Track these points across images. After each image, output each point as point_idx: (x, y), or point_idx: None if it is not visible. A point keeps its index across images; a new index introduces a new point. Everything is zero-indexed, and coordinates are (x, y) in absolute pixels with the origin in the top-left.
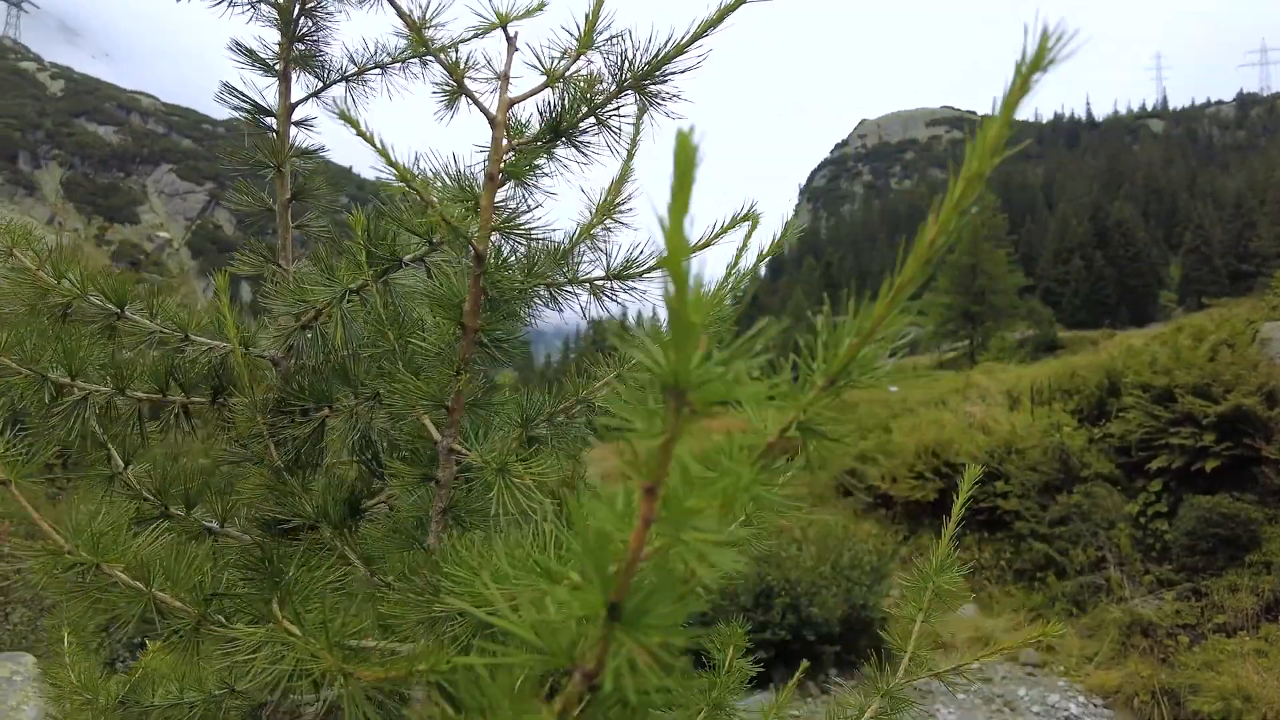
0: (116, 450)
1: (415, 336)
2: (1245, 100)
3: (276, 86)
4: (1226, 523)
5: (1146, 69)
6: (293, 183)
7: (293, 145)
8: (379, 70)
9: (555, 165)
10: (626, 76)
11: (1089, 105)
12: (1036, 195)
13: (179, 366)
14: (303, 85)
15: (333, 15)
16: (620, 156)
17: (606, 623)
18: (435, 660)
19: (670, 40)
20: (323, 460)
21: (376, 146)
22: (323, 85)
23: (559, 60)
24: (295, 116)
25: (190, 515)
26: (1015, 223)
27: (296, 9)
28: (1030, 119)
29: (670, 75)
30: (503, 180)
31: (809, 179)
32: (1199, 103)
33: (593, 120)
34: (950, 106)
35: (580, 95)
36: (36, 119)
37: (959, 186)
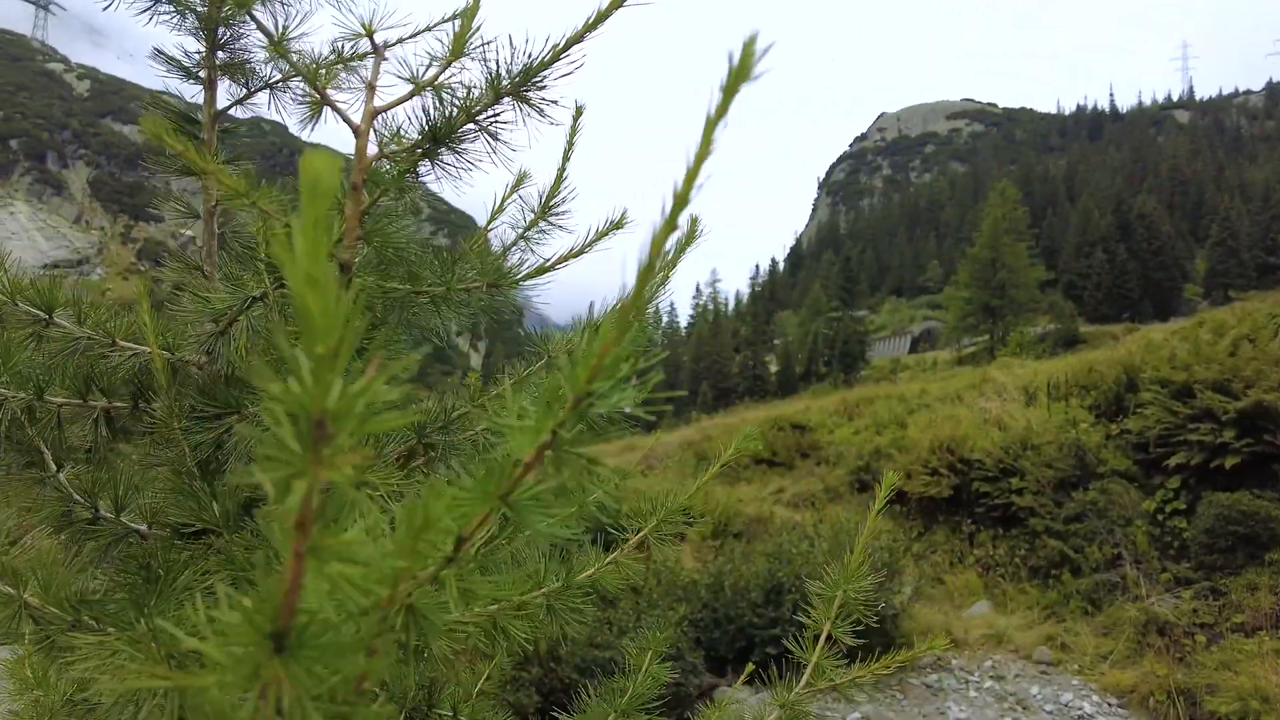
0: (50, 453)
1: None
2: (1275, 89)
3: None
4: (1246, 520)
5: (1172, 58)
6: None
7: (218, 152)
8: (301, 79)
9: (441, 171)
10: (504, 84)
11: (1112, 96)
12: (1058, 188)
13: (100, 372)
14: (228, 94)
15: (247, 23)
16: (504, 163)
17: (268, 652)
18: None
19: (545, 48)
20: (227, 466)
21: (211, 168)
22: (247, 93)
23: (428, 69)
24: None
25: (119, 518)
26: (1036, 216)
27: (216, 17)
28: (1052, 110)
29: (549, 82)
30: (374, 190)
31: (828, 173)
32: (1226, 92)
33: (473, 127)
34: (971, 99)
35: (461, 103)
36: (64, 119)
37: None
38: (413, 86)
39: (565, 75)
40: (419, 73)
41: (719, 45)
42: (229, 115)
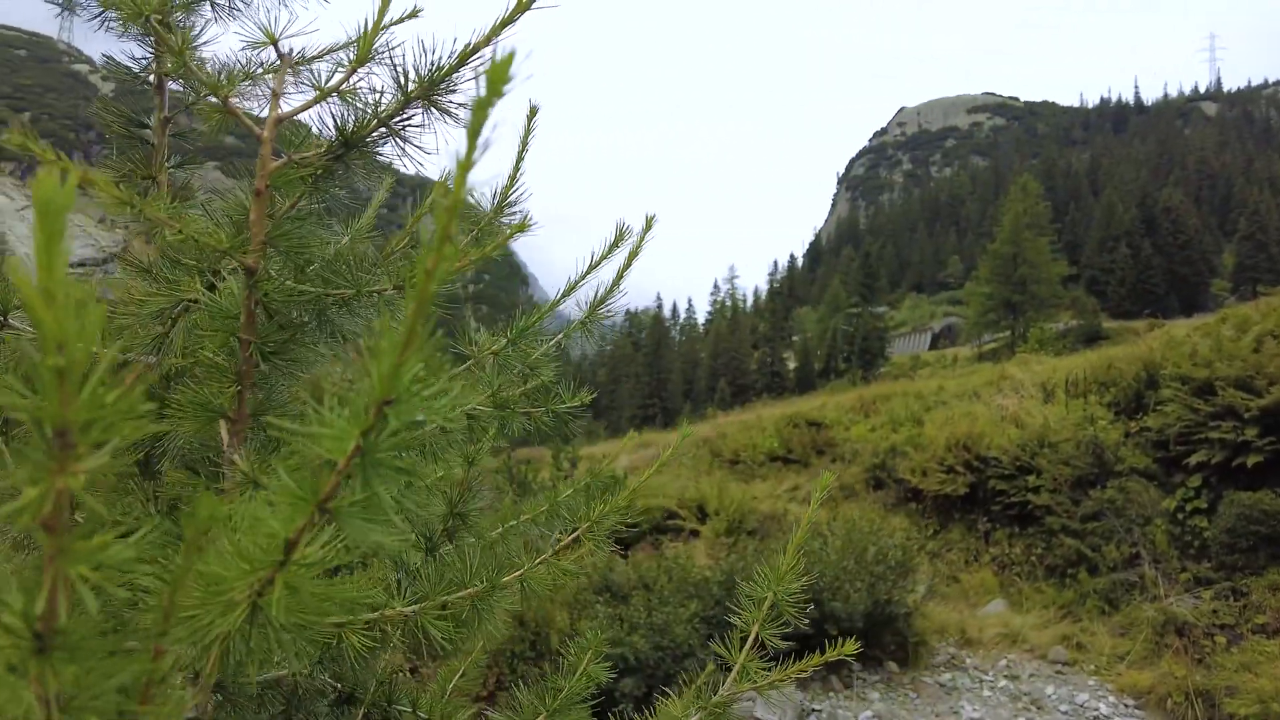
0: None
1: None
2: None
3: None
4: (1268, 520)
5: (1200, 49)
6: (172, 191)
7: (168, 156)
8: (249, 82)
9: (355, 173)
10: (412, 89)
11: (1137, 89)
12: (1081, 182)
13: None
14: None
15: (194, 28)
16: (419, 167)
17: (30, 651)
18: None
19: (452, 52)
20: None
21: (98, 179)
22: (196, 98)
23: (334, 75)
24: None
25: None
26: (1058, 210)
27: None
28: (1075, 104)
29: (460, 85)
30: (292, 194)
31: (847, 168)
32: (1255, 83)
33: (384, 131)
34: (992, 93)
35: (370, 108)
36: (89, 120)
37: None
38: (316, 93)
39: (472, 80)
40: (325, 80)
41: (713, 41)
42: (177, 121)
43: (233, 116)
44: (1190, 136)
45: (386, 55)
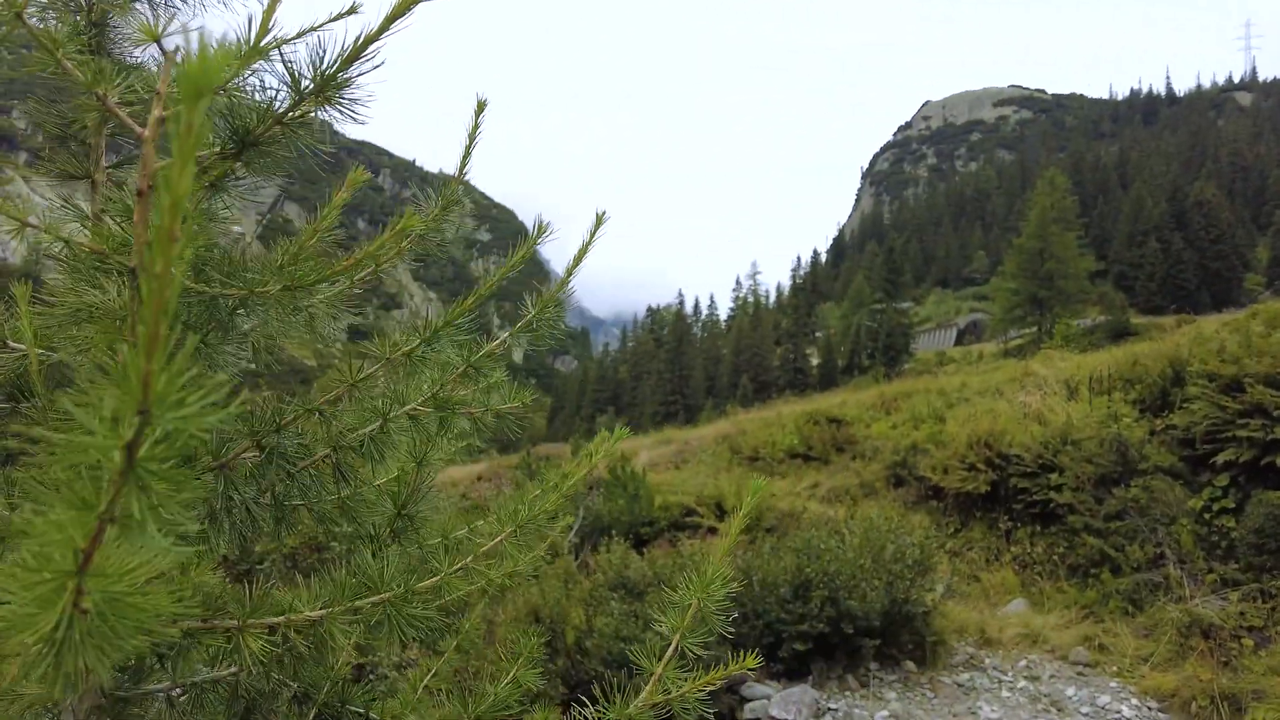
0: None
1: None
2: None
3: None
4: None
5: (1235, 38)
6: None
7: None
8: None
9: (253, 171)
10: (305, 86)
11: (1169, 79)
12: (1110, 175)
13: None
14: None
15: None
16: (330, 159)
17: None
18: None
19: (343, 48)
20: None
21: None
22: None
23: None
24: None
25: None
26: (1087, 204)
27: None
28: (1104, 96)
29: (354, 80)
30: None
31: (871, 163)
32: None
33: (281, 128)
34: (1018, 85)
35: (264, 107)
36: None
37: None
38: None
39: (364, 75)
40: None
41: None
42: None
43: (112, 115)
44: (1224, 128)
45: (277, 54)
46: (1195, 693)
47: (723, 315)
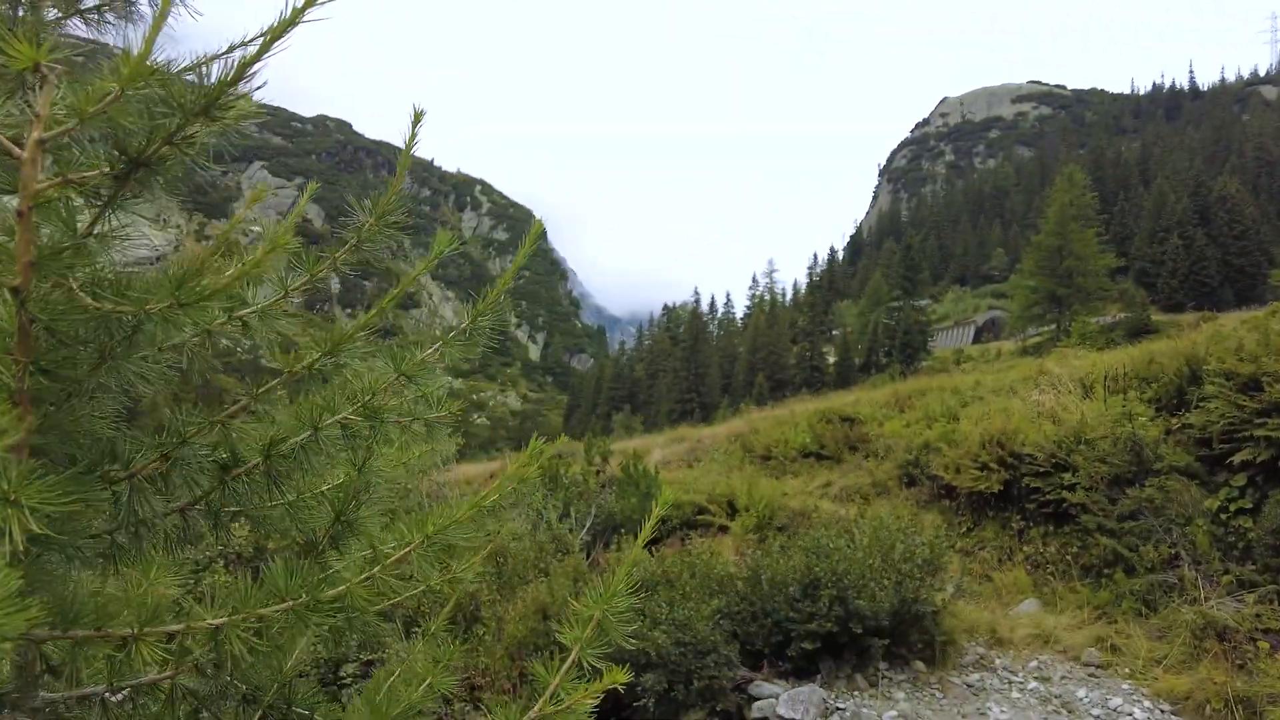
0: None
1: None
2: None
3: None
4: None
5: (1260, 30)
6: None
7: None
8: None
9: (149, 190)
10: (190, 106)
11: (1191, 73)
12: (1131, 171)
13: None
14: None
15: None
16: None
17: None
18: None
19: (226, 69)
20: None
21: None
22: None
23: (107, 97)
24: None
25: None
26: (1107, 201)
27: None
28: (1125, 91)
29: (235, 102)
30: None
31: (889, 160)
32: None
33: (170, 148)
34: (1038, 81)
35: (150, 127)
36: None
37: None
38: (78, 117)
39: (247, 94)
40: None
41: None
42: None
43: None
44: (1248, 122)
45: (160, 75)
46: (1209, 696)
47: (739, 313)
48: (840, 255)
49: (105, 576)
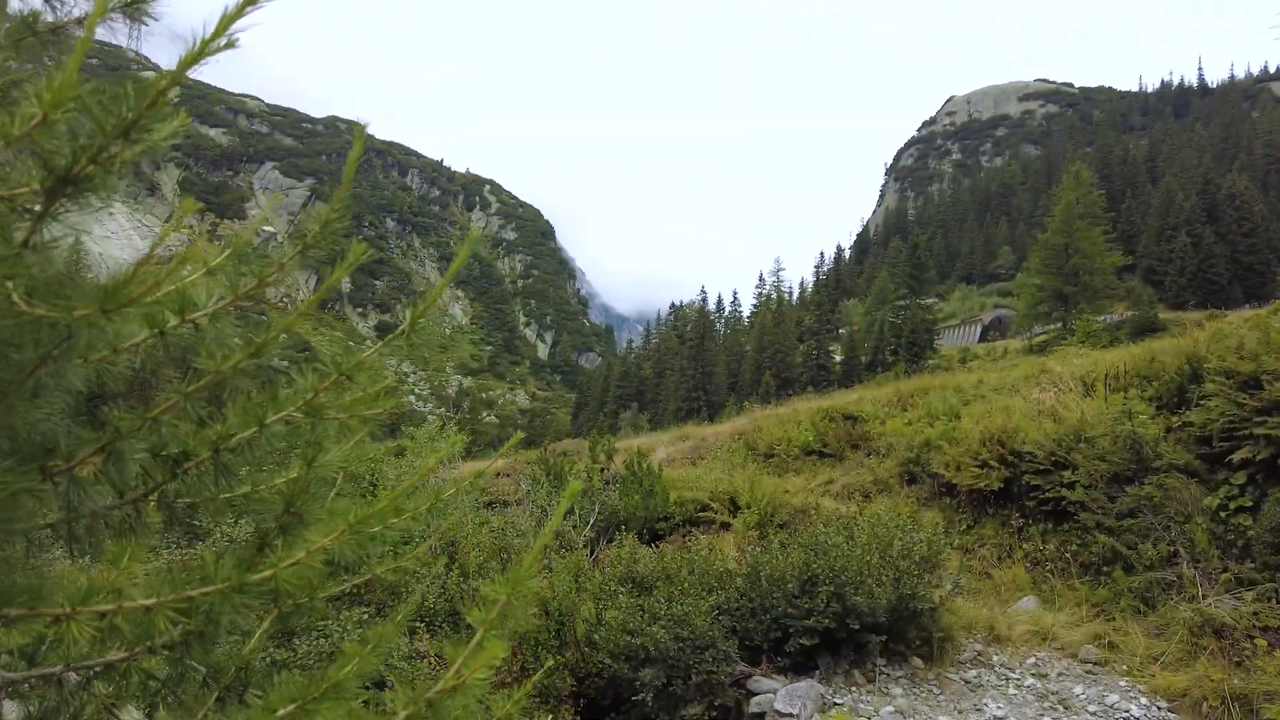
0: None
1: None
2: None
3: None
4: None
5: (1271, 26)
6: None
7: None
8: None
9: (82, 204)
10: (111, 127)
11: (1200, 71)
12: (1138, 169)
13: None
14: None
15: None
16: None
17: None
18: None
19: (147, 97)
20: None
21: None
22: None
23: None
24: None
25: None
26: (1115, 199)
27: None
28: (1133, 88)
29: (153, 124)
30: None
31: (895, 159)
32: None
33: (96, 166)
34: (1045, 79)
35: (74, 146)
36: None
37: None
38: (4, 140)
39: (163, 120)
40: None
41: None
42: None
43: None
44: (1258, 119)
45: (80, 100)
46: (1206, 693)
47: (746, 312)
48: (847, 254)
49: (74, 563)
